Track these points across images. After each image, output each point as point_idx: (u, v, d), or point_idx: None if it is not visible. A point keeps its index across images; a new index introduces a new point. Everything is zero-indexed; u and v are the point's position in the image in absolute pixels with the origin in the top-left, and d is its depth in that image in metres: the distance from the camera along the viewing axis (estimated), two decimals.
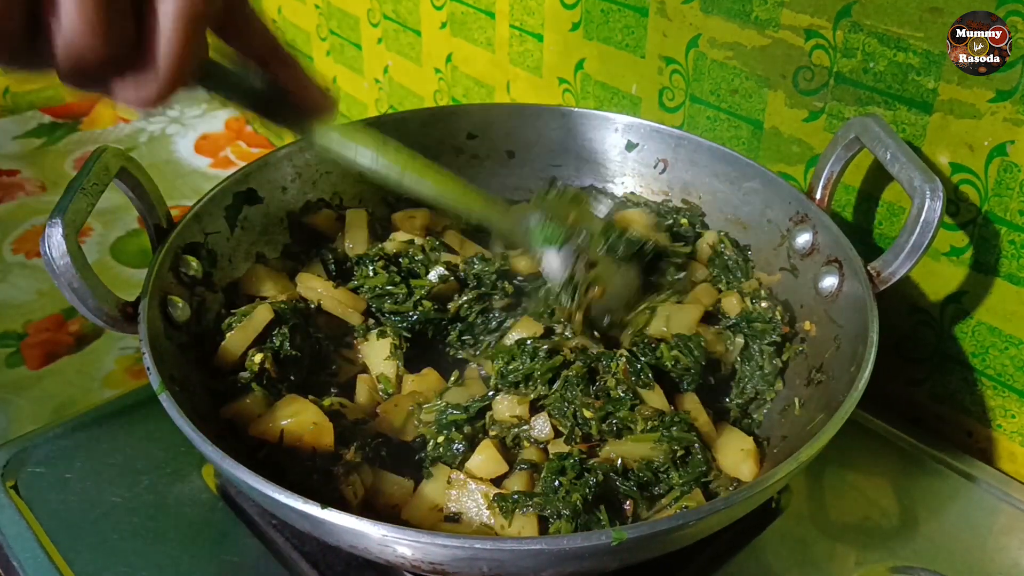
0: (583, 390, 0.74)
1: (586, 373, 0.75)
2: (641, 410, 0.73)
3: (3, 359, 1.18)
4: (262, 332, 0.78)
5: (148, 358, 0.67)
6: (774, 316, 0.82)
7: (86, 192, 0.69)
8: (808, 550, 0.75)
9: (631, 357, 0.76)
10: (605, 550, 0.54)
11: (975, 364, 0.84)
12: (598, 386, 0.75)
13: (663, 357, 0.77)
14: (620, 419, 0.73)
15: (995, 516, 0.79)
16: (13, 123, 1.74)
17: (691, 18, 0.95)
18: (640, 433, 0.71)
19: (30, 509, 0.77)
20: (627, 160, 0.98)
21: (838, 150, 0.81)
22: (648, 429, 0.71)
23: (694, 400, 0.77)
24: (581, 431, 0.73)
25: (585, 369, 0.75)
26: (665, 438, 0.71)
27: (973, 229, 0.80)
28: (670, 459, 0.70)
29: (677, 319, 0.81)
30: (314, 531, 0.60)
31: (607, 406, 0.73)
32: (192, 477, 0.81)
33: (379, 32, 1.40)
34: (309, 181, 0.94)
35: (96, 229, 1.44)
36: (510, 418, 0.75)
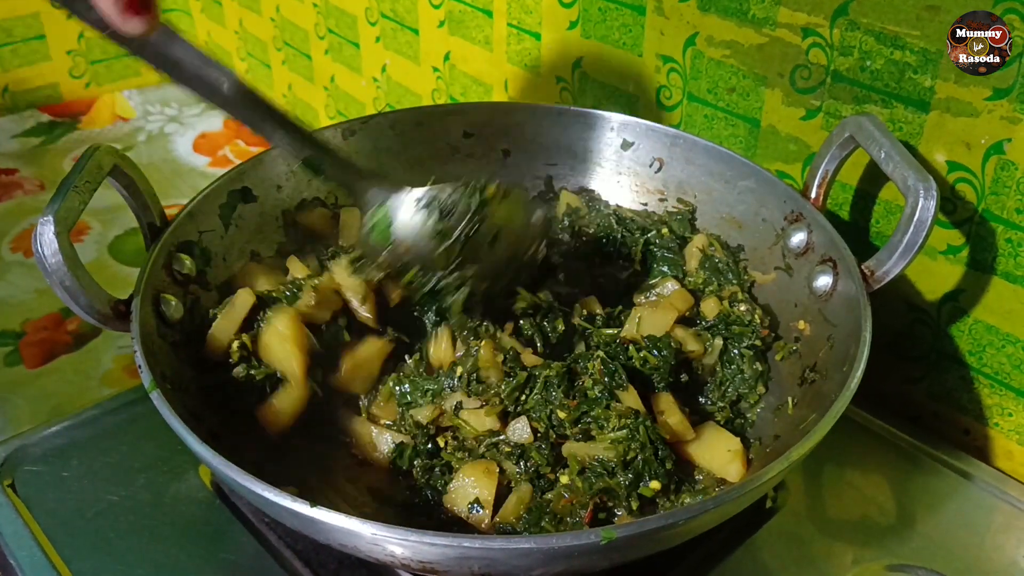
0: (564, 391, 0.74)
1: (566, 374, 0.75)
2: (616, 408, 0.72)
3: (1, 358, 1.18)
4: (247, 318, 0.78)
5: (140, 356, 0.67)
6: (753, 319, 0.82)
7: (79, 190, 0.69)
8: (805, 548, 0.75)
9: (605, 358, 0.75)
10: (595, 549, 0.54)
11: (972, 362, 0.84)
12: (577, 387, 0.75)
13: (633, 358, 0.77)
14: (593, 417, 0.72)
15: (992, 514, 0.79)
16: (11, 122, 1.74)
17: (688, 16, 0.94)
18: (612, 432, 0.71)
19: (27, 507, 0.77)
20: (623, 159, 0.97)
21: (833, 149, 0.81)
22: (619, 427, 0.71)
23: (668, 400, 0.76)
24: (556, 432, 0.73)
25: (565, 370, 0.75)
26: (626, 439, 0.70)
27: (970, 227, 0.80)
28: (621, 460, 0.70)
29: (649, 322, 0.82)
30: (304, 529, 0.60)
31: (582, 405, 0.73)
32: (189, 475, 0.81)
33: (377, 31, 1.40)
34: (304, 179, 0.93)
35: (94, 228, 1.44)
36: (483, 432, 0.75)
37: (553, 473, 0.72)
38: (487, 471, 0.72)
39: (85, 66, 1.82)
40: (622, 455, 0.69)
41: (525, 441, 0.73)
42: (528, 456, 0.72)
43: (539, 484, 0.72)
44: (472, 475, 0.72)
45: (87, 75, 1.83)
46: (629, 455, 0.70)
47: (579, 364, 0.76)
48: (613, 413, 0.72)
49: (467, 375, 0.77)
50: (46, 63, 1.77)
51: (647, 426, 0.71)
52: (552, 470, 0.72)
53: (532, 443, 0.73)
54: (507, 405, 0.75)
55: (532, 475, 0.72)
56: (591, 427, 0.72)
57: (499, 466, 0.73)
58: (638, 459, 0.70)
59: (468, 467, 0.73)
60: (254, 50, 1.77)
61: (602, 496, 0.70)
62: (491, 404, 0.75)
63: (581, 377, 0.75)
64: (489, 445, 0.74)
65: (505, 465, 0.73)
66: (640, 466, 0.69)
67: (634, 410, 0.72)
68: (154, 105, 1.83)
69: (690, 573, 0.73)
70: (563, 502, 0.70)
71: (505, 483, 0.72)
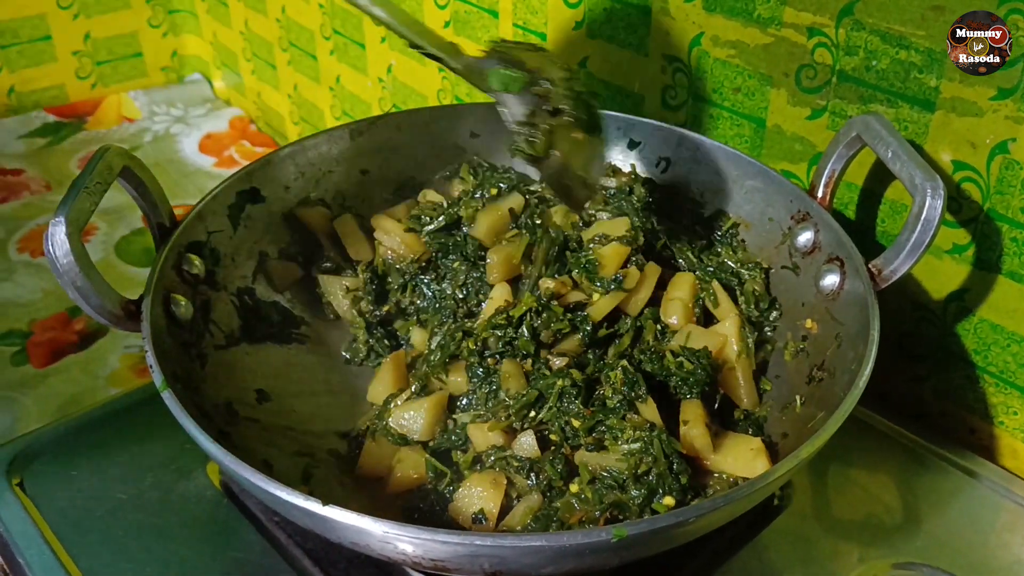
0: (582, 402, 0.74)
1: (584, 383, 0.75)
2: (632, 419, 0.72)
3: (8, 357, 1.19)
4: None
5: (151, 356, 0.67)
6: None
7: (89, 191, 0.69)
8: (811, 547, 0.76)
9: (627, 367, 0.75)
10: (606, 546, 0.55)
11: (977, 361, 0.84)
12: (596, 395, 0.75)
13: (668, 362, 0.77)
14: (608, 427, 0.72)
15: (998, 513, 0.79)
16: (18, 122, 1.74)
17: (694, 16, 0.95)
18: (625, 443, 0.70)
19: (36, 506, 0.78)
20: (629, 159, 0.98)
21: (839, 148, 0.81)
22: (634, 439, 0.70)
23: (696, 410, 0.75)
24: (570, 445, 0.73)
25: (583, 379, 0.75)
26: (639, 452, 0.69)
27: (975, 227, 0.80)
28: (632, 473, 0.69)
29: (697, 339, 0.81)
30: (315, 528, 0.60)
31: (598, 414, 0.73)
32: (196, 474, 0.81)
33: (383, 31, 1.40)
34: (312, 180, 0.94)
35: (101, 228, 1.44)
36: (488, 447, 0.75)
37: (564, 483, 0.71)
38: (495, 482, 0.71)
39: (91, 67, 1.83)
40: (634, 468, 0.69)
41: (532, 456, 0.73)
42: (540, 469, 0.72)
43: (550, 494, 0.72)
44: (480, 485, 0.71)
45: (93, 76, 1.84)
46: (641, 468, 0.69)
47: (602, 373, 0.76)
48: (628, 424, 0.71)
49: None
50: (52, 64, 1.78)
51: (662, 439, 0.69)
52: (564, 482, 0.71)
53: (542, 457, 0.73)
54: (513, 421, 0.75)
55: (544, 487, 0.72)
56: (605, 437, 0.71)
57: (508, 479, 0.72)
58: (652, 473, 0.69)
59: (476, 477, 0.72)
60: (260, 51, 1.77)
61: (613, 511, 0.69)
62: (496, 419, 0.75)
63: (602, 386, 0.75)
64: (498, 458, 0.74)
65: (515, 479, 0.73)
66: (654, 481, 0.68)
67: (650, 423, 0.71)
68: (160, 106, 1.84)
69: (697, 571, 0.73)
70: (573, 518, 0.69)
71: (514, 495, 0.72)
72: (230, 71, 1.90)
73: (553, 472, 0.71)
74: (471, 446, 0.76)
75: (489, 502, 0.70)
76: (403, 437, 0.78)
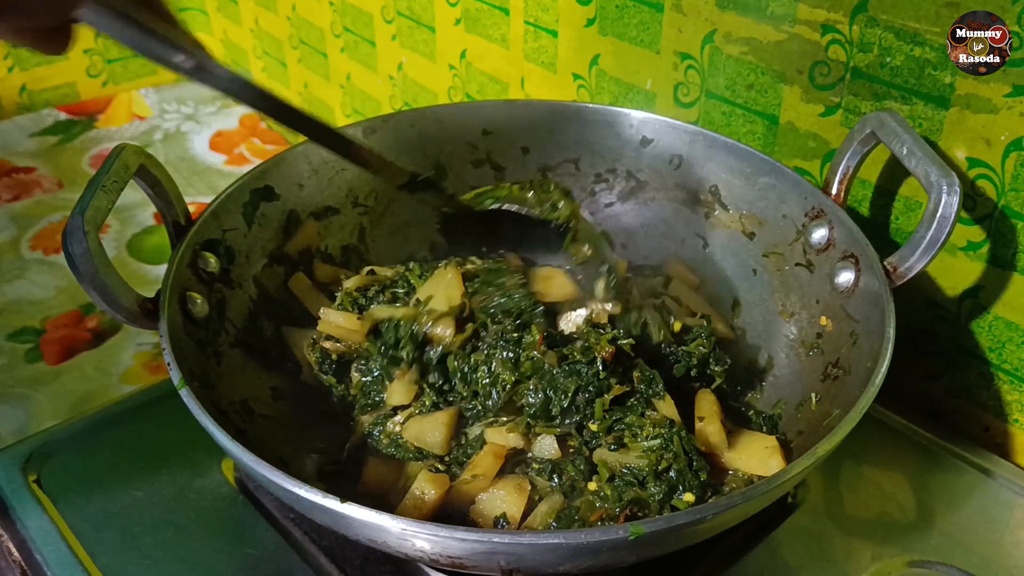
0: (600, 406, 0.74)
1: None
2: (651, 416, 0.72)
3: (22, 355, 1.19)
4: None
5: (168, 353, 0.67)
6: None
7: (106, 190, 0.69)
8: (824, 545, 0.76)
9: (644, 365, 0.75)
10: (623, 544, 0.55)
11: (992, 359, 0.84)
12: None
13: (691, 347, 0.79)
14: (627, 424, 0.72)
15: (1012, 510, 0.79)
16: (29, 120, 1.75)
17: (706, 13, 0.95)
18: (645, 440, 0.70)
19: (53, 503, 0.78)
20: (642, 156, 0.98)
21: (854, 145, 0.81)
22: (653, 436, 0.70)
23: (711, 402, 0.75)
24: (588, 448, 0.73)
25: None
26: (660, 449, 0.69)
27: (990, 224, 0.80)
28: (652, 470, 0.69)
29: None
30: (333, 525, 0.61)
31: (616, 412, 0.73)
32: (212, 471, 0.82)
33: (393, 29, 1.40)
34: (326, 178, 0.94)
35: (113, 226, 1.45)
36: (507, 450, 0.74)
37: (584, 481, 0.71)
38: (519, 487, 0.71)
39: (102, 65, 1.84)
40: (654, 464, 0.69)
41: (553, 457, 0.73)
42: (562, 470, 0.72)
43: (572, 494, 0.72)
44: (503, 489, 0.71)
45: (104, 74, 1.85)
46: (662, 465, 0.69)
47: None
48: (648, 421, 0.71)
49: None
50: (63, 62, 1.78)
51: (682, 436, 0.70)
52: (587, 481, 0.71)
53: (563, 458, 0.73)
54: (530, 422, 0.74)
55: (567, 488, 0.72)
56: (624, 434, 0.72)
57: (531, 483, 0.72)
58: (672, 469, 0.69)
59: (501, 481, 0.72)
60: (270, 48, 1.78)
61: (632, 508, 0.69)
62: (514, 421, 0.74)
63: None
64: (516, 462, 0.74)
65: (536, 480, 0.72)
66: (674, 477, 0.69)
67: (669, 419, 0.71)
68: (171, 103, 1.84)
69: (711, 569, 0.73)
70: (594, 516, 0.69)
71: (536, 498, 0.72)
72: (240, 69, 1.91)
73: (576, 472, 0.72)
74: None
75: (512, 506, 0.70)
76: (419, 451, 0.77)
